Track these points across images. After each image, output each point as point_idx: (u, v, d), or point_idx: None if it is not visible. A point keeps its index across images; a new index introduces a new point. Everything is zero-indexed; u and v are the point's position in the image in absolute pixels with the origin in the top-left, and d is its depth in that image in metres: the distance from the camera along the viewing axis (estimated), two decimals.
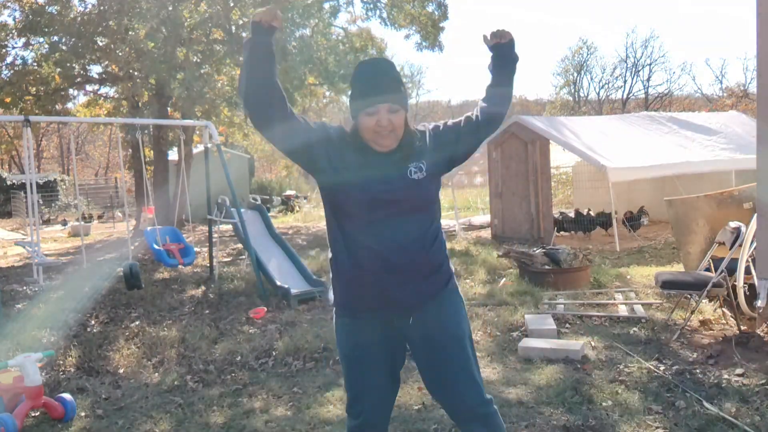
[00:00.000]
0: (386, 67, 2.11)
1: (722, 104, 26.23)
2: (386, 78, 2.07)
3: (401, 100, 2.07)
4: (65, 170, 31.73)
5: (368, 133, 2.07)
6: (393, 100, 2.04)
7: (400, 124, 2.07)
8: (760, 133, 3.69)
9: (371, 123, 2.04)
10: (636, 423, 3.23)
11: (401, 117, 2.07)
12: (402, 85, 2.10)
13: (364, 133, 2.08)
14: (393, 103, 2.04)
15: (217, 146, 7.49)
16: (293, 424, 3.45)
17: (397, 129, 2.07)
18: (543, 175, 9.90)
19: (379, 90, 2.04)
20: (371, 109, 2.03)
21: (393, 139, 2.08)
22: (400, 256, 2.06)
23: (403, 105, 2.08)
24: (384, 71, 2.09)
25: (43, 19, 12.09)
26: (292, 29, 12.47)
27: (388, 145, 2.08)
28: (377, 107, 2.03)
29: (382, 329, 2.17)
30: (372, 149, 2.09)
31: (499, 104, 2.31)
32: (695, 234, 5.80)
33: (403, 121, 2.08)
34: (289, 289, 6.37)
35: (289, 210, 19.77)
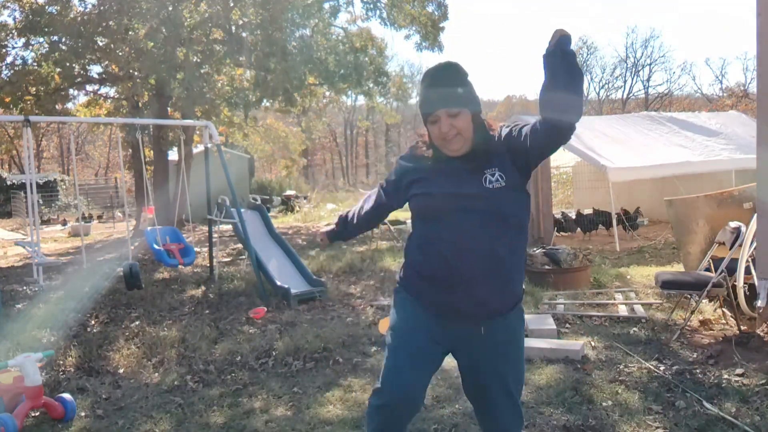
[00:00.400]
0: (445, 70, 2.06)
1: (722, 104, 26.24)
2: (444, 81, 2.04)
3: (461, 101, 2.02)
4: (65, 170, 31.75)
5: (437, 140, 2.08)
6: (451, 104, 2.01)
7: (465, 126, 2.03)
8: (760, 133, 3.70)
9: (435, 131, 2.05)
10: (636, 423, 3.23)
11: (465, 118, 2.03)
12: (463, 85, 2.04)
13: (434, 141, 2.10)
14: (451, 106, 2.01)
15: (217, 146, 7.49)
16: (293, 424, 3.45)
17: (464, 132, 2.04)
18: (543, 175, 9.88)
19: (436, 95, 2.03)
20: (432, 117, 2.04)
21: (461, 142, 2.05)
22: (466, 264, 2.02)
23: (464, 105, 2.03)
24: (442, 75, 2.05)
25: (43, 19, 12.08)
26: (292, 29, 12.47)
27: (457, 149, 2.06)
28: (436, 114, 2.03)
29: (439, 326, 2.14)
30: (446, 155, 2.09)
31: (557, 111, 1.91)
32: (695, 234, 5.80)
33: (468, 122, 2.04)
34: (289, 289, 6.37)
35: (289, 210, 19.77)
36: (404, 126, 41.86)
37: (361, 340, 4.90)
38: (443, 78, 2.04)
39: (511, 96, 48.83)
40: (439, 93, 2.02)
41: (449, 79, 2.04)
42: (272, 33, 12.02)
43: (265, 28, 12.21)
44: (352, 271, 8.08)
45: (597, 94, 38.45)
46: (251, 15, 12.96)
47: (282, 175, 26.21)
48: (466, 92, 2.04)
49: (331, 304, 6.34)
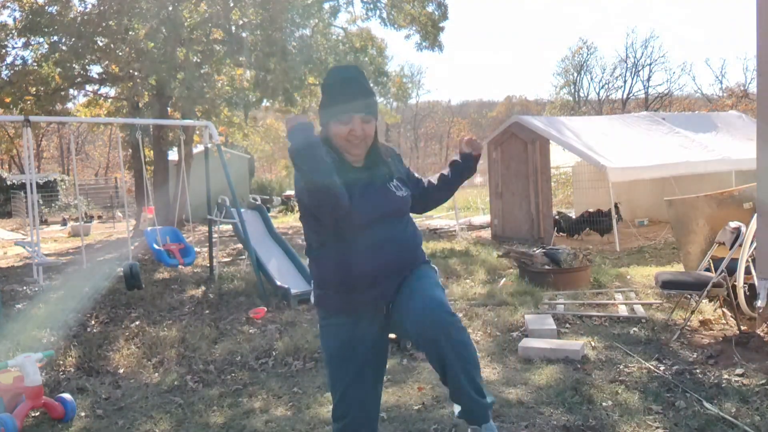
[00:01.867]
0: (358, 75, 2.14)
1: (722, 104, 26.24)
2: (359, 87, 2.09)
3: (374, 109, 2.12)
4: (65, 170, 31.74)
5: (339, 140, 2.10)
6: (367, 110, 2.08)
7: (371, 134, 2.13)
8: (760, 133, 3.69)
9: (344, 131, 2.08)
10: (636, 423, 3.23)
11: (373, 126, 2.12)
12: (374, 94, 2.16)
13: (334, 140, 2.11)
14: (367, 113, 2.09)
15: (217, 146, 7.49)
16: (293, 424, 3.45)
17: (368, 138, 2.12)
18: (543, 175, 9.90)
19: (353, 99, 2.06)
20: (345, 117, 2.07)
21: (363, 148, 2.14)
22: (392, 257, 2.14)
23: (375, 115, 2.12)
24: (356, 80, 2.11)
25: (43, 19, 12.09)
26: (292, 29, 12.47)
27: (358, 153, 2.13)
28: (351, 116, 2.06)
29: (369, 325, 2.21)
30: (347, 163, 2.13)
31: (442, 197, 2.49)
32: (695, 234, 5.80)
33: (373, 130, 2.14)
34: (289, 289, 6.37)
35: (289, 210, 19.78)
36: (404, 126, 41.91)
37: None
38: (359, 82, 2.11)
39: (511, 96, 48.78)
40: (356, 96, 2.08)
41: (365, 86, 2.12)
42: (272, 33, 12.02)
43: (265, 28, 12.22)
44: None
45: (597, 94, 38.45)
46: (251, 15, 12.97)
47: (282, 175, 26.26)
48: (377, 103, 2.17)
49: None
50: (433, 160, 44.44)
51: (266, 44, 12.15)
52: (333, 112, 2.08)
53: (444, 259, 8.53)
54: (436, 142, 47.85)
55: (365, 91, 2.11)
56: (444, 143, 46.68)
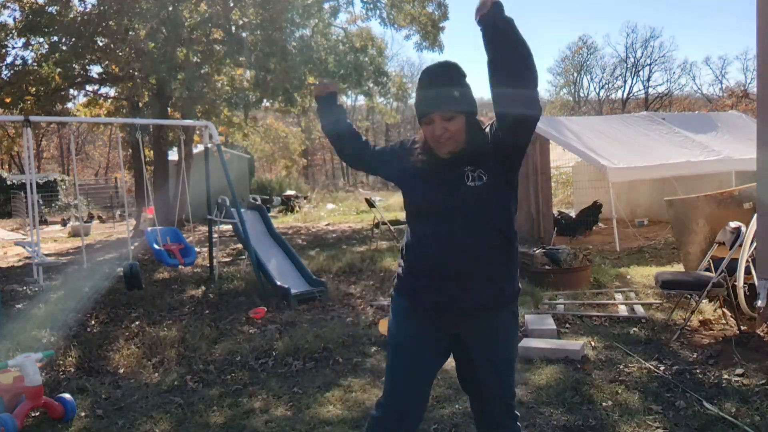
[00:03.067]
0: (441, 72, 2.04)
1: (722, 104, 26.25)
2: (439, 84, 2.02)
3: (456, 104, 2.01)
4: (65, 170, 31.74)
5: (430, 141, 2.10)
6: (446, 107, 2.00)
7: (458, 130, 2.03)
8: (760, 133, 3.70)
9: (429, 132, 2.07)
10: (636, 423, 3.23)
11: (458, 122, 2.02)
12: (459, 87, 2.03)
13: (428, 141, 2.11)
14: (446, 110, 2.01)
15: (217, 146, 7.49)
16: (293, 424, 3.45)
17: (456, 135, 2.03)
18: (543, 175, 9.89)
19: (431, 98, 2.03)
20: (426, 119, 2.05)
21: (454, 145, 2.06)
22: (452, 260, 2.04)
23: (459, 109, 2.02)
24: (438, 77, 2.04)
25: (43, 19, 12.08)
26: (292, 29, 12.46)
27: (450, 151, 2.07)
28: (431, 117, 2.03)
29: (436, 325, 2.17)
30: (435, 154, 2.11)
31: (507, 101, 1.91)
32: (695, 234, 5.80)
33: (461, 125, 2.03)
34: (289, 289, 6.37)
35: (289, 210, 19.78)
36: (404, 126, 41.85)
37: (361, 340, 4.90)
38: (440, 79, 2.03)
39: None
40: (434, 94, 2.02)
41: (446, 81, 2.02)
42: (272, 33, 12.02)
43: (265, 28, 12.21)
44: (352, 271, 8.08)
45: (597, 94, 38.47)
46: (251, 15, 12.96)
47: (282, 175, 26.21)
48: (462, 94, 2.03)
49: (331, 304, 6.34)
50: None
51: (266, 44, 12.15)
52: (418, 116, 2.10)
53: None
54: None
55: (445, 87, 2.01)
56: None
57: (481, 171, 2.03)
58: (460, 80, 2.04)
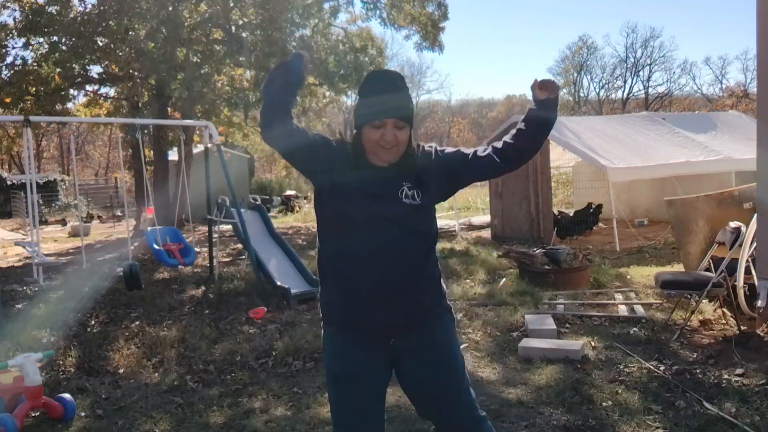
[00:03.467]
0: (397, 81, 2.06)
1: (722, 104, 26.25)
2: (396, 92, 2.02)
3: (409, 116, 2.04)
4: (65, 170, 31.72)
5: (370, 144, 2.04)
6: (401, 116, 2.01)
7: (404, 141, 2.03)
8: (760, 133, 3.70)
9: (376, 136, 2.01)
10: (636, 423, 3.23)
11: (406, 133, 2.03)
12: (411, 101, 2.08)
13: (366, 144, 2.05)
14: (401, 119, 2.01)
15: (217, 146, 7.49)
16: (293, 424, 3.45)
17: (401, 145, 2.03)
18: (543, 175, 9.89)
19: (388, 104, 2.00)
20: (378, 122, 2.00)
21: (394, 155, 2.05)
22: (386, 274, 2.02)
23: (410, 122, 2.04)
24: (394, 85, 2.04)
25: (43, 19, 12.08)
26: (292, 29, 12.47)
27: (388, 159, 2.05)
28: (384, 121, 2.00)
29: (372, 348, 2.10)
30: (369, 162, 2.06)
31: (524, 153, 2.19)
32: (695, 234, 5.80)
33: (407, 137, 2.04)
34: (289, 289, 6.37)
35: (289, 210, 19.78)
36: None
37: None
38: (397, 87, 2.03)
39: (511, 96, 48.77)
40: (393, 100, 2.01)
41: (402, 90, 2.04)
42: (272, 33, 12.02)
43: (264, 29, 12.22)
44: None
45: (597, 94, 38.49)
46: (251, 15, 12.96)
47: (282, 175, 26.24)
48: (413, 110, 2.08)
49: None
50: None
51: (266, 44, 12.15)
52: (366, 116, 2.02)
53: (444, 259, 8.52)
54: (436, 143, 47.80)
55: (401, 97, 2.03)
56: (444, 143, 46.69)
57: (417, 191, 2.06)
58: (409, 94, 2.08)
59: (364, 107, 2.04)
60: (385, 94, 2.02)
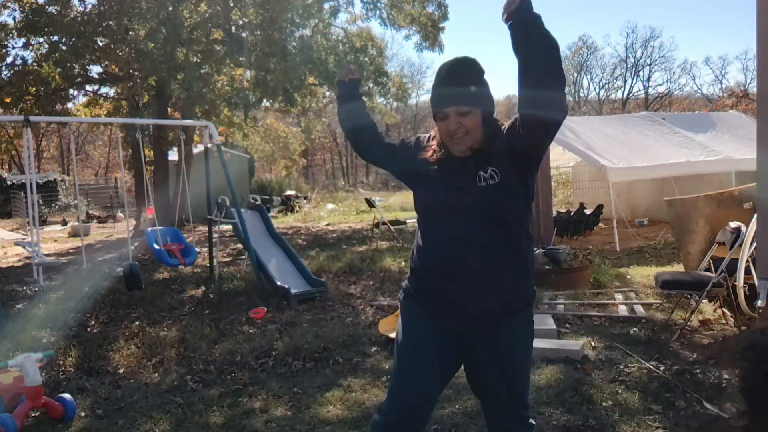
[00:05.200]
0: (458, 67, 2.00)
1: (722, 104, 26.24)
2: (455, 79, 1.98)
3: (472, 100, 1.97)
4: (65, 170, 31.73)
5: (445, 137, 2.04)
6: (461, 103, 1.96)
7: (473, 126, 1.98)
8: (760, 133, 3.69)
9: (444, 127, 2.02)
10: (636, 423, 3.23)
11: (474, 118, 1.97)
12: (475, 83, 1.99)
13: (442, 137, 2.06)
14: (461, 105, 1.96)
15: (217, 146, 7.49)
16: (293, 424, 3.45)
17: (472, 131, 1.99)
18: (543, 175, 9.85)
19: (446, 93, 1.98)
20: (440, 114, 2.01)
21: (470, 142, 2.00)
22: (464, 262, 2.00)
23: (474, 105, 1.98)
24: (455, 71, 2.00)
25: (43, 19, 12.09)
26: (292, 29, 12.47)
27: (465, 148, 2.02)
28: (445, 112, 1.99)
29: (445, 329, 2.12)
30: (450, 153, 2.06)
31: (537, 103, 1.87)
32: (695, 234, 5.80)
33: (477, 122, 1.98)
34: (289, 289, 6.37)
35: (289, 210, 19.78)
36: (404, 126, 41.85)
37: (361, 340, 4.90)
38: (456, 74, 1.99)
39: (512, 96, 48.75)
40: (450, 90, 1.98)
41: (462, 76, 1.98)
42: (272, 33, 12.02)
43: (264, 29, 12.22)
44: (352, 271, 8.08)
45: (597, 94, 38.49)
46: (251, 15, 12.96)
47: (282, 175, 26.22)
48: (478, 91, 1.99)
49: (331, 304, 6.34)
50: None
51: (266, 44, 12.15)
52: (434, 111, 2.04)
53: None
54: None
55: (461, 82, 1.97)
56: None
57: (494, 170, 1.98)
58: (478, 76, 2.00)
59: (432, 100, 2.06)
60: (444, 85, 2.01)
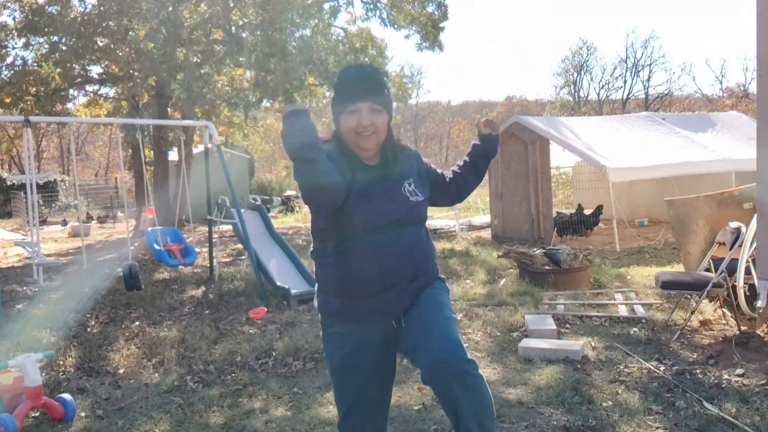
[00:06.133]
0: (369, 70, 2.12)
1: (722, 104, 26.24)
2: (368, 80, 2.06)
3: (384, 102, 2.06)
4: (65, 170, 31.73)
5: (350, 134, 2.04)
6: (375, 101, 2.03)
7: (382, 127, 2.05)
8: (760, 133, 3.69)
9: (352, 123, 2.02)
10: (636, 423, 3.23)
11: (383, 119, 2.05)
12: (386, 88, 2.09)
13: (346, 135, 2.06)
14: (375, 103, 2.03)
15: (217, 146, 7.49)
16: (293, 424, 3.45)
17: (379, 131, 2.05)
18: (543, 176, 9.89)
19: (361, 90, 2.02)
20: (352, 107, 2.01)
21: (374, 142, 2.06)
22: (398, 266, 2.08)
23: (385, 107, 2.06)
24: (366, 74, 2.09)
25: (43, 19, 12.09)
26: (292, 30, 12.47)
27: (370, 148, 2.06)
28: (358, 105, 2.01)
29: (375, 335, 2.15)
30: (360, 161, 2.07)
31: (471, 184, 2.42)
32: (695, 234, 5.80)
33: (385, 123, 2.06)
34: (289, 289, 6.37)
35: (289, 210, 19.77)
36: (404, 126, 41.87)
37: None
38: (370, 78, 2.07)
39: (511, 96, 48.72)
40: (364, 87, 2.03)
41: (376, 81, 2.07)
42: (272, 33, 12.02)
43: (264, 29, 12.22)
44: None
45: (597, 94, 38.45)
46: (251, 15, 12.97)
47: (282, 176, 26.25)
48: (389, 97, 2.11)
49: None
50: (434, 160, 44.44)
51: (266, 45, 12.15)
52: (342, 106, 2.04)
53: (444, 260, 8.53)
54: (437, 143, 47.81)
55: (374, 84, 2.05)
56: (444, 143, 46.66)
57: (416, 187, 2.16)
58: (386, 84, 2.12)
59: (339, 98, 2.06)
60: (357, 82, 2.04)
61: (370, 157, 2.10)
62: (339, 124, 2.08)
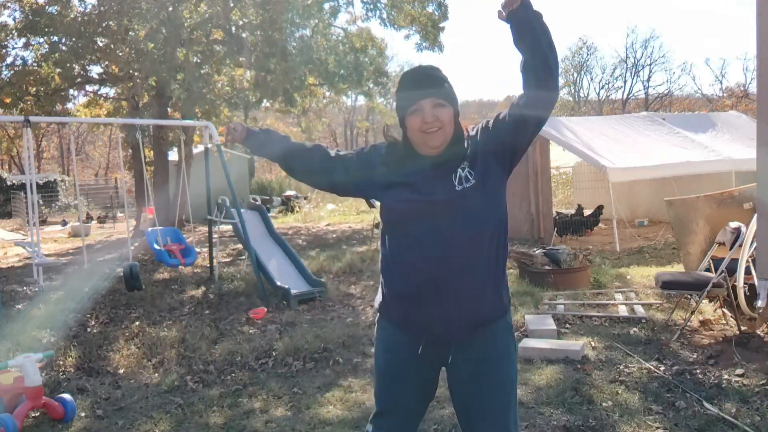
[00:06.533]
0: (425, 68, 2.00)
1: (722, 104, 26.25)
2: (426, 76, 1.96)
3: (446, 95, 1.94)
4: (65, 171, 31.73)
5: (416, 134, 1.94)
6: (437, 95, 1.92)
7: (448, 121, 1.93)
8: (760, 133, 3.69)
9: (417, 122, 1.92)
10: (636, 423, 3.23)
11: (448, 113, 1.93)
12: (446, 82, 1.97)
13: (413, 136, 1.96)
14: (437, 97, 1.92)
15: (217, 146, 7.49)
16: (293, 424, 3.45)
17: (446, 126, 1.93)
18: (543, 176, 9.89)
19: (420, 87, 1.93)
20: (414, 106, 1.92)
21: (442, 138, 1.93)
22: (443, 273, 1.91)
23: (448, 100, 1.94)
24: (423, 71, 1.99)
25: (43, 19, 12.09)
26: (292, 30, 12.47)
27: (438, 145, 1.94)
28: (420, 103, 1.91)
29: (422, 349, 2.03)
30: (419, 155, 1.98)
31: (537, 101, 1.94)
32: (695, 234, 5.80)
33: (451, 117, 1.94)
34: (289, 289, 6.37)
35: (289, 210, 19.75)
36: None
37: (361, 341, 4.90)
38: (429, 75, 1.97)
39: (511, 96, 48.80)
40: (422, 83, 1.95)
41: (435, 77, 1.97)
42: (272, 33, 12.03)
43: (265, 29, 12.23)
44: (352, 272, 8.08)
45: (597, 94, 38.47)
46: (251, 15, 12.97)
47: (282, 176, 26.20)
48: (450, 91, 1.98)
49: (331, 304, 6.34)
50: None
51: (266, 45, 12.16)
52: (404, 106, 1.95)
53: None
54: None
55: (432, 78, 1.95)
56: None
57: (469, 170, 1.94)
58: (447, 79, 2.00)
59: (401, 100, 1.98)
60: (417, 80, 1.97)
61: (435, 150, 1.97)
62: (405, 125, 1.98)
